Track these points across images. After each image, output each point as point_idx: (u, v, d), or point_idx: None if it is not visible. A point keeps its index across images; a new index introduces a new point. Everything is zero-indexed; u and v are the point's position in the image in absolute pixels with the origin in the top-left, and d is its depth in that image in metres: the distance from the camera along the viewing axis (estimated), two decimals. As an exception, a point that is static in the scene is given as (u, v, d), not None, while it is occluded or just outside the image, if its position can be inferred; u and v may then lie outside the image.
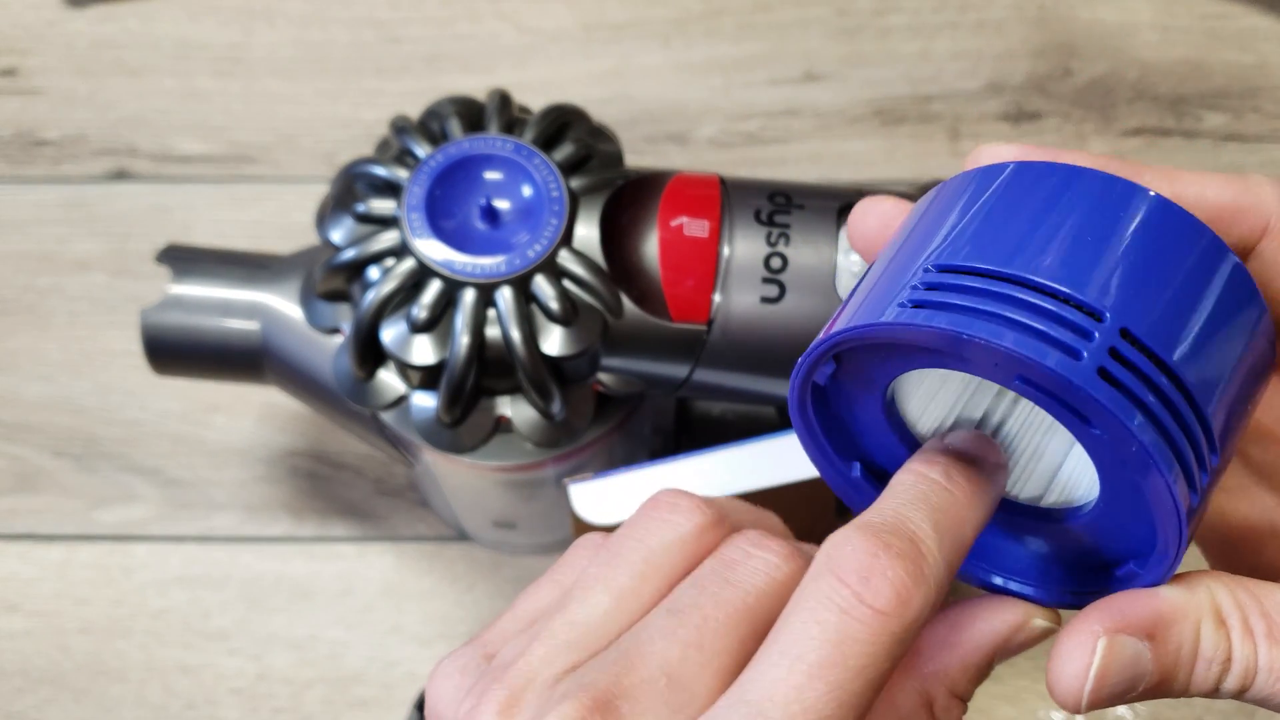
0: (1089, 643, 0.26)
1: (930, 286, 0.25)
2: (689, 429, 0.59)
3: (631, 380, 0.47)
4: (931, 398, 0.29)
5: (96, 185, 0.66)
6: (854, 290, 0.28)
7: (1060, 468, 0.28)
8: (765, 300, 0.45)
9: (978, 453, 0.28)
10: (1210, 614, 0.26)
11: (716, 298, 0.45)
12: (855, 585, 0.25)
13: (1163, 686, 0.26)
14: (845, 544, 0.25)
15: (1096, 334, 0.24)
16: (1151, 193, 0.26)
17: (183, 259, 0.49)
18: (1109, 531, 0.28)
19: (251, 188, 0.66)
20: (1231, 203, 0.28)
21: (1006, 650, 0.28)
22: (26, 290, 0.64)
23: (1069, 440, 0.28)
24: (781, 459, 0.44)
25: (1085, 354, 0.24)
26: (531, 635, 0.27)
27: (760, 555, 0.28)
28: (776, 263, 0.45)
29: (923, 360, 0.26)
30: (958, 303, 0.25)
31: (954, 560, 0.26)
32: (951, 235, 0.26)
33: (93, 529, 0.59)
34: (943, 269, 0.25)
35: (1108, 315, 0.24)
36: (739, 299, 0.45)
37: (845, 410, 0.29)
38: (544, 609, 0.29)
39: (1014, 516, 0.29)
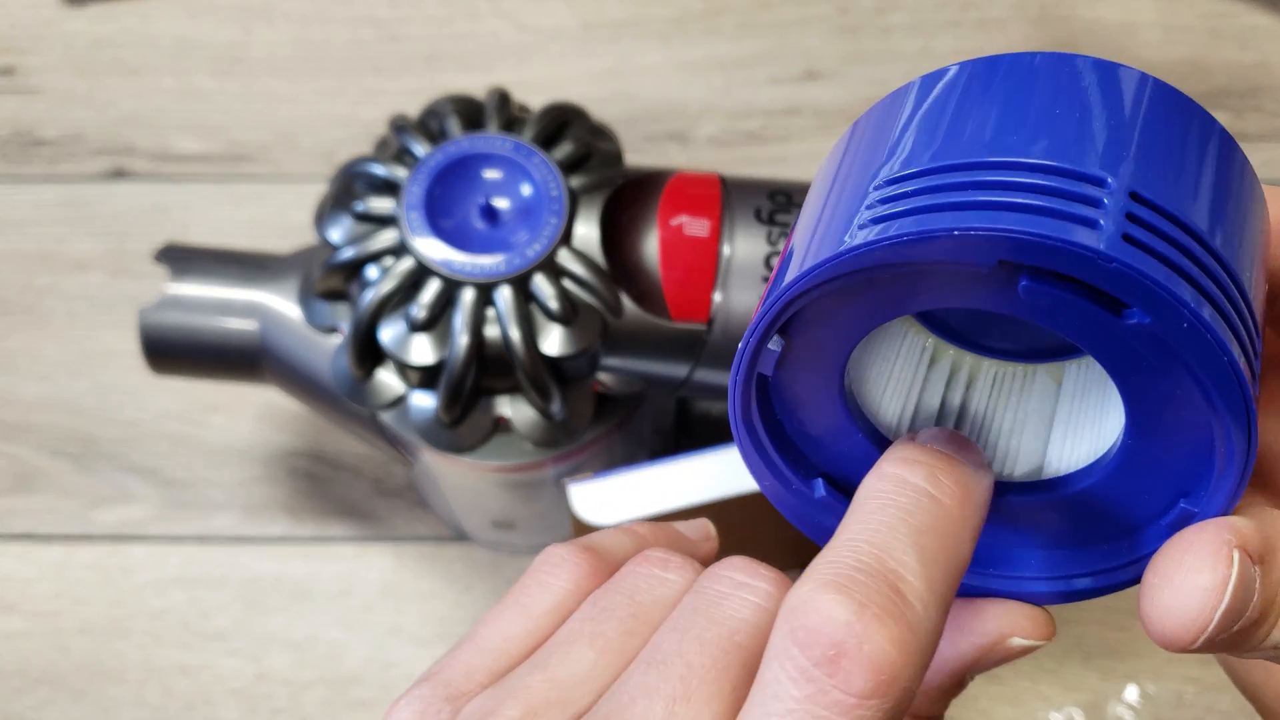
0: (1224, 553, 0.21)
1: (886, 201, 0.20)
2: (689, 429, 0.58)
3: (631, 380, 0.47)
4: (887, 381, 0.25)
5: (95, 184, 0.66)
6: (786, 252, 0.23)
7: (1050, 430, 0.25)
8: (766, 300, 0.44)
9: (956, 449, 0.24)
10: None
11: (717, 297, 0.45)
12: (823, 665, 0.20)
13: (1255, 630, 0.21)
14: (807, 608, 0.20)
15: (1105, 199, 0.19)
16: (1099, 60, 0.22)
17: (181, 258, 0.49)
18: (1135, 480, 0.23)
19: (250, 187, 0.66)
20: (1277, 220, 0.24)
21: (979, 668, 0.25)
22: (24, 290, 0.64)
23: (1052, 394, 0.24)
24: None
25: (1103, 221, 0.19)
26: (506, 690, 0.24)
27: (750, 584, 0.24)
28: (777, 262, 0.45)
29: (889, 306, 0.22)
30: (926, 203, 0.20)
31: (949, 595, 0.22)
32: (899, 147, 0.21)
33: (91, 529, 0.58)
34: (895, 180, 0.21)
35: (1110, 179, 0.20)
36: (739, 298, 0.45)
37: (797, 412, 0.25)
38: (510, 639, 0.26)
39: (1005, 501, 0.25)
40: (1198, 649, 0.21)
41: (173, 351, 0.49)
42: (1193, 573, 0.21)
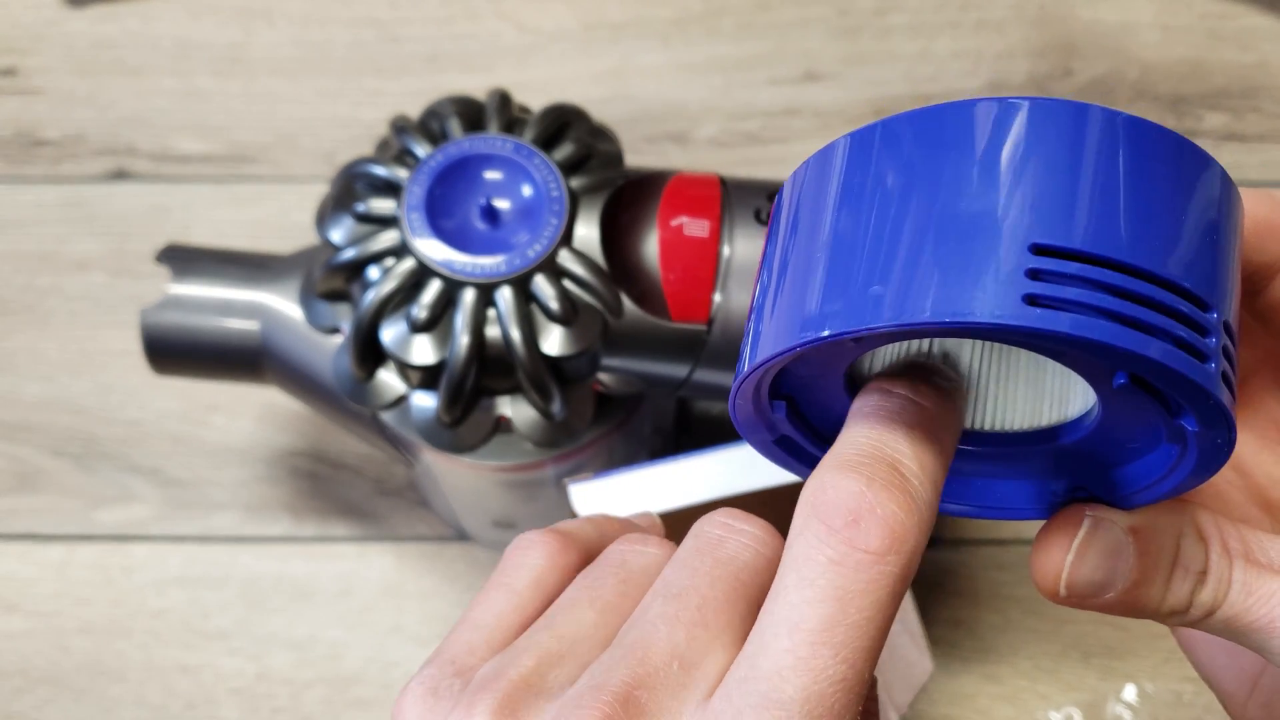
0: (1076, 519, 0.26)
1: (1036, 274, 0.22)
2: (689, 429, 0.59)
3: (631, 380, 0.47)
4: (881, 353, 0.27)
5: (96, 185, 0.66)
6: (818, 246, 0.25)
7: (1025, 391, 0.27)
8: (765, 300, 0.45)
9: (932, 370, 0.27)
10: (1192, 529, 0.27)
11: (716, 297, 0.45)
12: (844, 530, 0.23)
13: (1140, 590, 0.26)
14: (825, 487, 0.24)
15: (1214, 338, 0.22)
16: (1210, 158, 0.24)
17: (182, 259, 0.49)
18: (1106, 439, 0.26)
19: (251, 187, 0.66)
20: (1264, 219, 0.27)
21: None
22: (26, 290, 0.64)
23: (1024, 364, 0.27)
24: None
25: (1214, 364, 0.22)
26: (518, 650, 0.27)
27: (743, 529, 0.27)
28: (777, 262, 0.45)
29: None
30: (1078, 299, 0.21)
31: (939, 478, 0.25)
32: (1028, 201, 0.22)
33: (92, 529, 0.59)
34: (1043, 250, 0.22)
35: (1215, 312, 0.23)
36: (739, 299, 0.45)
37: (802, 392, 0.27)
38: (501, 614, 0.28)
39: (1001, 451, 0.28)
40: (1073, 598, 0.26)
41: (174, 352, 0.49)
42: (1051, 537, 0.26)
